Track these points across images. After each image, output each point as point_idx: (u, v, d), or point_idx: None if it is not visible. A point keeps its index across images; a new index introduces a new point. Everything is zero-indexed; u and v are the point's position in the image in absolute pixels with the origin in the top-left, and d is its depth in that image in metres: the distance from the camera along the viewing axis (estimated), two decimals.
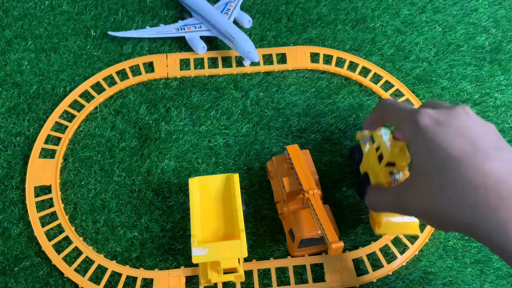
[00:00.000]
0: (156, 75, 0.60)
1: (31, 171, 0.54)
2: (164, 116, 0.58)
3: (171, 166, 0.55)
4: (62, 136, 0.56)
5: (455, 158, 0.35)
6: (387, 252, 0.51)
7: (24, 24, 0.64)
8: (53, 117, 0.57)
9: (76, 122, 0.57)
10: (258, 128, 0.58)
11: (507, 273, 0.51)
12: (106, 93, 0.59)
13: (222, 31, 0.61)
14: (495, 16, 0.67)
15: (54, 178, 0.53)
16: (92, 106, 0.58)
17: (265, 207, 0.53)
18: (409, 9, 0.68)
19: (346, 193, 0.54)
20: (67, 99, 0.58)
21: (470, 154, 0.34)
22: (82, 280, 0.48)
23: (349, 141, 0.57)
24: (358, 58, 0.62)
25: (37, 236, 0.50)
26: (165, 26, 0.63)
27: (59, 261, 0.49)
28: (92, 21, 0.64)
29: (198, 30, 0.63)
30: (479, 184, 0.33)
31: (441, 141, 0.36)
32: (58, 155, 0.55)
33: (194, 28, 0.63)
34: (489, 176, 0.33)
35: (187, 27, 0.63)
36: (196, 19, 0.64)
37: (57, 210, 0.52)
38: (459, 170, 0.34)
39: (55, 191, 0.53)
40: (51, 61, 0.61)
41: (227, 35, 0.60)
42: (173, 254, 0.51)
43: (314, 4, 0.67)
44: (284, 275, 0.50)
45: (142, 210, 0.53)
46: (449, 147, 0.35)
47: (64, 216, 0.51)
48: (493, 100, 0.61)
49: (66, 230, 0.51)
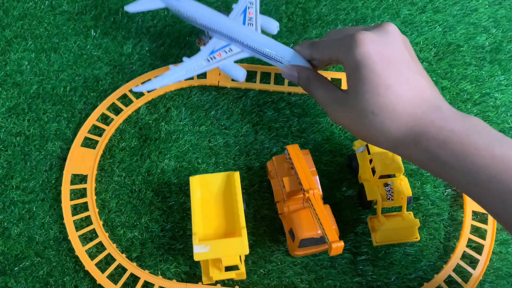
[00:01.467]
0: (207, 82, 0.59)
1: (71, 158, 0.54)
2: (164, 116, 0.58)
3: (171, 166, 0.55)
4: (106, 128, 0.56)
5: (388, 85, 0.39)
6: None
7: (24, 24, 0.64)
8: (100, 109, 0.57)
9: (122, 116, 0.57)
10: (258, 128, 0.58)
11: (507, 273, 0.51)
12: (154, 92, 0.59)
13: (262, 51, 0.51)
14: (495, 16, 0.67)
15: (92, 169, 0.54)
16: (141, 102, 0.58)
17: (265, 207, 0.53)
18: (409, 9, 0.68)
19: (346, 193, 0.54)
20: (118, 92, 0.58)
21: (398, 81, 0.39)
22: (101, 276, 0.49)
23: (349, 141, 0.57)
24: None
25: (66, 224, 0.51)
26: (191, 60, 0.52)
27: (82, 253, 0.50)
28: (92, 21, 0.64)
29: (230, 54, 0.52)
30: (401, 110, 0.38)
31: (375, 67, 0.39)
32: (99, 147, 0.55)
33: (225, 53, 0.52)
34: (415, 108, 0.38)
35: (217, 54, 0.52)
36: (220, 40, 0.54)
37: (88, 202, 0.52)
38: (390, 97, 0.39)
39: (90, 182, 0.53)
40: (51, 61, 0.61)
41: (270, 55, 0.51)
42: (173, 254, 0.51)
43: (314, 4, 0.67)
44: (284, 275, 0.50)
45: (142, 210, 0.53)
46: (382, 74, 0.39)
47: (95, 210, 0.52)
48: (493, 100, 0.61)
49: (94, 223, 0.51)
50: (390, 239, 0.49)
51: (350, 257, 0.51)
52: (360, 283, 0.50)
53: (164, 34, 0.64)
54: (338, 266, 0.51)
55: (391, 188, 0.50)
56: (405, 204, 0.50)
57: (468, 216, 0.52)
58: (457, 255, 0.50)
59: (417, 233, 0.50)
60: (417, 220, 0.50)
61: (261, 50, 0.51)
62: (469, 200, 0.53)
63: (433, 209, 0.54)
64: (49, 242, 0.51)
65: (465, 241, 0.51)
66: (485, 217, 0.53)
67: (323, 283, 0.50)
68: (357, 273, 0.50)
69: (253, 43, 0.51)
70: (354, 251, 0.51)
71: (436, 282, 0.49)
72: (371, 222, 0.51)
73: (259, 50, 0.51)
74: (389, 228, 0.49)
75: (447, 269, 0.50)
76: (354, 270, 0.50)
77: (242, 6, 0.55)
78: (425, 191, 0.55)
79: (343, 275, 0.50)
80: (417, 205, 0.54)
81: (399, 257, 0.51)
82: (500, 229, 0.53)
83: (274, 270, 0.50)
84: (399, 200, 0.50)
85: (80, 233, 0.51)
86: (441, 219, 0.53)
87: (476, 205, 0.52)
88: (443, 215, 0.53)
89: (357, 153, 0.54)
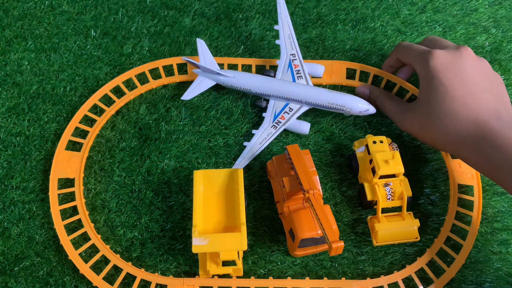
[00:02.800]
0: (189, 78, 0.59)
1: (56, 163, 0.54)
2: (164, 116, 0.58)
3: (171, 166, 0.55)
4: (90, 129, 0.56)
5: (453, 96, 0.46)
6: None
7: (24, 24, 0.64)
8: (82, 111, 0.57)
9: (105, 117, 0.57)
10: (258, 127, 0.58)
11: (507, 273, 0.51)
12: (149, 85, 0.59)
13: (323, 104, 0.55)
14: (495, 16, 0.67)
15: (79, 172, 0.53)
16: (123, 102, 0.58)
17: (265, 207, 0.53)
18: (409, 9, 0.67)
19: (346, 193, 0.54)
20: (98, 93, 0.58)
21: (463, 94, 0.46)
22: (96, 278, 0.49)
23: (349, 141, 0.57)
24: (396, 77, 0.59)
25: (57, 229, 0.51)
26: (260, 132, 0.56)
27: (75, 257, 0.49)
28: (92, 21, 0.64)
29: (292, 113, 0.56)
30: (464, 116, 0.46)
31: (444, 81, 0.47)
32: (84, 149, 0.55)
33: (287, 114, 0.56)
34: (477, 116, 0.45)
35: (280, 117, 0.56)
36: (278, 101, 0.57)
37: (78, 205, 0.52)
38: (454, 106, 0.46)
39: (78, 185, 0.53)
40: (51, 61, 0.61)
41: (331, 106, 0.55)
42: (173, 254, 0.51)
43: (314, 4, 0.67)
44: (284, 275, 0.50)
45: (142, 210, 0.53)
46: (449, 87, 0.47)
47: (85, 212, 0.51)
48: None
49: (86, 226, 0.51)
50: (390, 239, 0.49)
51: (350, 257, 0.51)
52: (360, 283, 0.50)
53: (164, 34, 0.64)
54: (338, 266, 0.51)
55: (391, 188, 0.50)
56: (405, 204, 0.50)
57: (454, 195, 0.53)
58: (440, 239, 0.51)
59: (417, 233, 0.50)
60: (417, 220, 0.50)
61: (320, 104, 0.55)
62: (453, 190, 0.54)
63: (433, 209, 0.54)
64: (49, 242, 0.51)
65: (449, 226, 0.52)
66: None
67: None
68: (357, 273, 0.50)
69: (310, 99, 0.55)
70: (354, 251, 0.51)
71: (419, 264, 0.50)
72: (371, 222, 0.51)
73: (318, 104, 0.55)
74: (389, 228, 0.49)
75: (430, 252, 0.51)
76: (354, 270, 0.50)
77: (285, 60, 0.58)
78: (425, 191, 0.55)
79: (343, 275, 0.50)
80: (417, 205, 0.54)
81: (399, 257, 0.51)
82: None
83: (274, 270, 0.50)
84: (399, 200, 0.50)
85: (72, 237, 0.50)
86: (441, 219, 0.53)
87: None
88: (443, 215, 0.53)
89: (357, 153, 0.54)
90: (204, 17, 0.65)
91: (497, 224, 0.53)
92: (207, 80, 0.58)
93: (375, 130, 0.58)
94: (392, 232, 0.49)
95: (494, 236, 0.53)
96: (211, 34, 0.64)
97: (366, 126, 0.58)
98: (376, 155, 0.50)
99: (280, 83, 0.57)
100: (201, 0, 0.67)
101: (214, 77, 0.57)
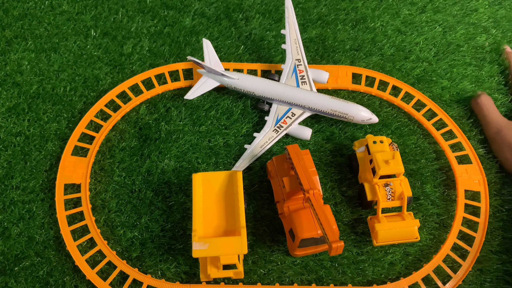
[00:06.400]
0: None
1: (62, 168, 0.53)
2: (164, 116, 0.58)
3: (171, 166, 0.55)
4: (96, 135, 0.56)
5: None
6: None
7: (24, 24, 0.64)
8: (88, 116, 0.56)
9: (111, 123, 0.56)
10: (258, 128, 0.58)
11: (507, 273, 0.51)
12: (154, 90, 0.59)
13: (326, 111, 0.55)
14: (495, 16, 0.67)
15: (85, 177, 0.53)
16: (129, 107, 0.58)
17: (265, 207, 0.53)
18: (409, 9, 0.68)
19: (346, 193, 0.54)
20: (104, 98, 0.57)
21: None
22: (103, 284, 0.48)
23: (349, 141, 0.57)
24: (401, 83, 0.60)
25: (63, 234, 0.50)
26: (261, 135, 0.56)
27: (82, 262, 0.49)
28: (92, 21, 0.64)
29: (294, 118, 0.56)
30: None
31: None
32: (90, 154, 0.54)
33: (289, 118, 0.56)
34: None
35: (282, 122, 0.56)
36: (281, 106, 0.57)
37: (84, 211, 0.51)
38: None
39: (84, 190, 0.52)
40: (51, 61, 0.61)
41: (334, 113, 0.55)
42: (173, 254, 0.51)
43: (314, 4, 0.67)
44: (284, 275, 0.50)
45: (142, 210, 0.53)
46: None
47: (91, 218, 0.51)
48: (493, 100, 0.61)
49: (92, 231, 0.51)
50: (390, 239, 0.49)
51: (350, 257, 0.51)
52: (360, 283, 0.50)
53: (164, 34, 0.64)
54: (338, 266, 0.51)
55: (391, 188, 0.50)
56: (405, 204, 0.50)
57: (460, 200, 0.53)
58: (447, 246, 0.51)
59: (417, 233, 0.50)
60: (417, 220, 0.50)
61: (323, 110, 0.55)
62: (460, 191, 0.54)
63: (433, 209, 0.54)
64: (49, 242, 0.51)
65: (455, 233, 0.52)
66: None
67: (323, 283, 0.50)
68: (357, 273, 0.50)
69: (313, 104, 0.55)
70: (354, 251, 0.51)
71: (427, 270, 0.50)
72: (371, 222, 0.51)
73: (321, 110, 0.55)
74: (389, 228, 0.49)
75: (437, 259, 0.50)
76: (354, 270, 0.50)
77: (290, 65, 0.59)
78: (425, 191, 0.55)
79: (343, 275, 0.50)
80: (417, 205, 0.54)
81: (399, 257, 0.51)
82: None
83: (274, 270, 0.50)
84: (399, 200, 0.50)
85: (78, 243, 0.50)
86: (441, 219, 0.53)
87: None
88: (443, 215, 0.53)
89: (357, 153, 0.54)
90: (204, 17, 0.65)
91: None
92: (211, 80, 0.58)
93: (375, 130, 0.58)
94: (392, 232, 0.49)
95: (494, 236, 0.53)
96: (211, 34, 0.64)
97: (366, 126, 0.58)
98: (376, 155, 0.50)
99: (284, 87, 0.57)
100: (201, 0, 0.67)
101: (218, 78, 0.57)
